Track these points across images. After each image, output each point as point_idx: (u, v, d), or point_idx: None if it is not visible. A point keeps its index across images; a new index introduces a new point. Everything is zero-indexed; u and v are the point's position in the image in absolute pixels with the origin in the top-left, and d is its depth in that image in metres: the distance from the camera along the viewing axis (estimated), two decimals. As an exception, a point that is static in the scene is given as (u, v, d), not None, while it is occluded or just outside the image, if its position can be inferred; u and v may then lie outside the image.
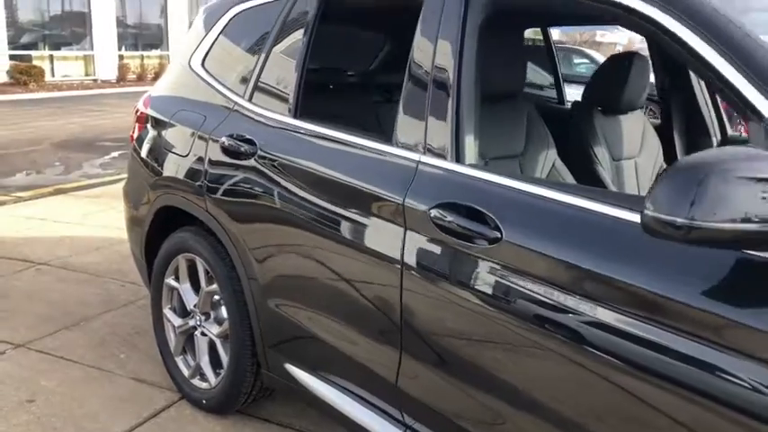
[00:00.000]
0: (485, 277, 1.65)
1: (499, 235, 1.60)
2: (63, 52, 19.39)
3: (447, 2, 1.89)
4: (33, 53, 18.32)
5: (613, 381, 1.41)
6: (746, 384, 1.22)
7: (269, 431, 2.63)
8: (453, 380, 1.77)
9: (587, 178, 2.51)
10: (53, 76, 18.56)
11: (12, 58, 17.31)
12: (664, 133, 2.86)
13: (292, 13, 2.43)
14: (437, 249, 1.75)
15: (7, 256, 4.51)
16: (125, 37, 20.57)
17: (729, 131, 2.94)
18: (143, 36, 22.10)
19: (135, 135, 3.05)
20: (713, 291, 1.28)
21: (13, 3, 18.08)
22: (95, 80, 19.48)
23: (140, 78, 19.66)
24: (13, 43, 17.76)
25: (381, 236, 1.89)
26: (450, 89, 1.83)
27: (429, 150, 1.85)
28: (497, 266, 1.62)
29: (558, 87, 3.49)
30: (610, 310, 1.41)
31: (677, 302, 1.31)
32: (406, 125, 1.92)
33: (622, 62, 2.60)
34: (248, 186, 2.32)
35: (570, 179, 2.34)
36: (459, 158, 1.79)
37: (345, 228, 2.00)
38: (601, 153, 2.58)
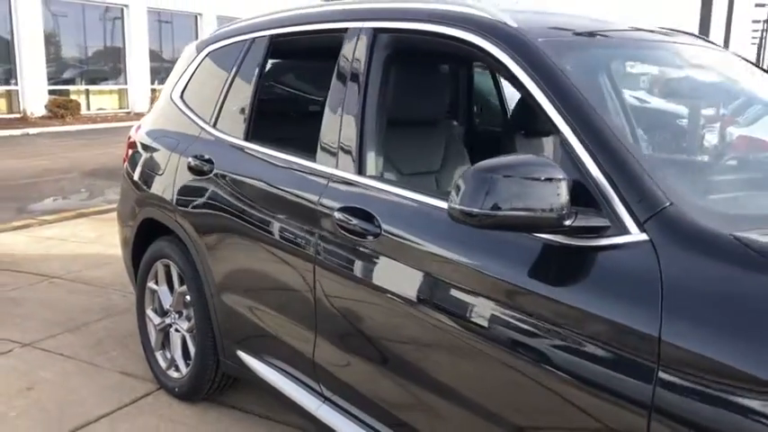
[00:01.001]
0: (372, 265, 2.01)
1: (380, 230, 1.97)
2: (98, 86, 20.35)
3: (356, 50, 2.28)
4: (71, 88, 19.28)
5: (460, 338, 1.76)
6: (528, 331, 1.57)
7: (232, 416, 2.99)
8: (355, 354, 2.12)
9: None
10: (89, 109, 19.49)
11: (51, 92, 18.25)
12: None
13: (248, 53, 2.86)
14: (339, 245, 2.12)
15: (26, 271, 4.99)
16: (158, 71, 21.47)
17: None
18: (175, 70, 22.96)
19: (127, 158, 3.50)
20: (513, 265, 1.64)
21: (55, 40, 19.10)
22: (128, 113, 20.36)
23: (171, 111, 20.41)
24: (53, 79, 18.73)
25: (301, 237, 2.27)
26: (356, 118, 2.21)
27: (339, 165, 2.23)
28: (380, 256, 1.98)
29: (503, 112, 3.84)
30: (449, 282, 1.78)
31: (488, 275, 1.67)
32: (324, 145, 2.31)
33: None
34: (206, 199, 2.73)
35: None
36: (361, 171, 2.17)
37: (276, 231, 2.39)
38: None
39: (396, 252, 1.94)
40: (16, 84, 17.64)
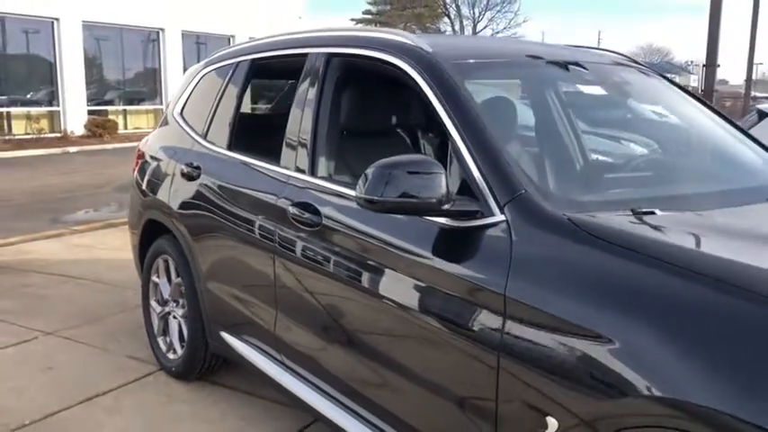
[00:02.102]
0: (316, 250, 2.42)
1: (321, 220, 2.38)
2: (135, 107, 21.26)
3: (314, 71, 2.70)
4: (109, 108, 20.21)
5: (380, 304, 2.15)
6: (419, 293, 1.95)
7: (220, 392, 3.41)
8: (306, 326, 2.53)
9: None
10: (126, 128, 20.37)
11: (90, 113, 19.17)
12: None
13: (234, 74, 3.31)
14: (293, 234, 2.54)
15: (55, 273, 5.51)
16: (192, 92, 22.33)
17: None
18: (209, 90, 23.87)
19: (136, 168, 3.97)
20: (413, 242, 2.04)
21: (94, 63, 20.06)
22: (164, 132, 21.17)
23: (205, 129, 21.25)
24: (93, 100, 19.67)
25: (265, 229, 2.69)
26: (311, 127, 2.63)
27: (297, 168, 2.64)
28: (322, 242, 2.39)
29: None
30: (369, 260, 2.18)
31: (395, 252, 2.07)
32: (286, 152, 2.73)
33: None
34: (194, 200, 3.18)
35: None
36: (313, 173, 2.58)
37: (247, 226, 2.81)
38: None
39: (332, 238, 2.34)
40: (58, 105, 18.58)
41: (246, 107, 3.30)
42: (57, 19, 18.14)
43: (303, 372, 2.59)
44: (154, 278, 3.68)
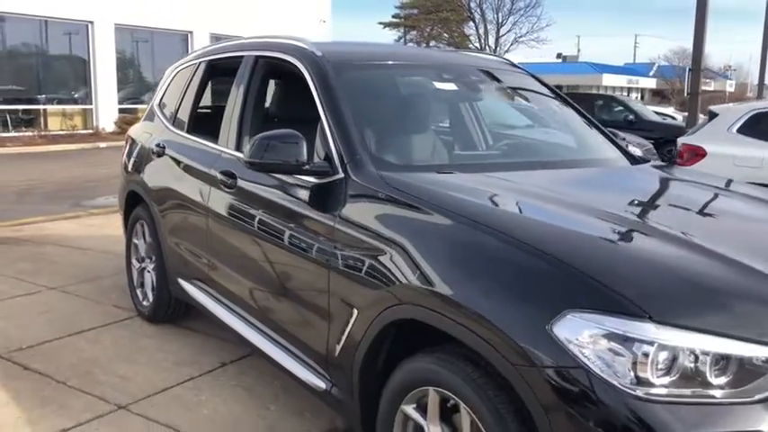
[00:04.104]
0: (236, 206, 3.15)
1: (236, 183, 3.12)
2: (164, 106, 22.35)
3: (245, 70, 3.43)
4: (138, 106, 21.28)
5: (269, 245, 2.88)
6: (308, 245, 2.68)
7: (182, 332, 4.16)
8: (227, 265, 3.27)
9: None
10: (154, 126, 21.44)
11: (120, 111, 20.30)
12: None
13: (195, 72, 4.08)
14: (219, 195, 3.28)
15: (67, 245, 6.37)
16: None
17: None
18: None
19: (125, 150, 4.77)
20: (288, 196, 2.76)
21: (126, 63, 21.21)
22: (190, 130, 22.23)
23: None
24: (124, 98, 20.82)
25: (202, 192, 3.43)
26: (240, 113, 3.36)
27: (227, 145, 3.38)
28: (240, 198, 3.12)
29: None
30: (264, 211, 2.90)
31: (278, 203, 2.79)
32: (222, 133, 3.47)
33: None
34: (158, 173, 3.96)
35: None
36: (238, 148, 3.32)
37: (191, 191, 3.56)
38: None
39: (243, 196, 3.08)
40: (91, 103, 19.74)
41: (205, 99, 4.07)
42: (91, 22, 19.28)
43: (227, 302, 3.33)
44: (134, 240, 4.47)
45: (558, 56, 57.61)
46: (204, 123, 3.86)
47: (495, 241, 1.99)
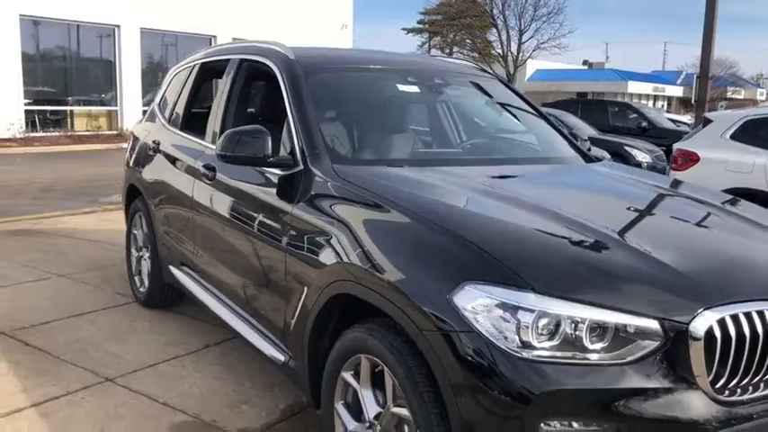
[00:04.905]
0: (215, 196, 3.43)
1: (215, 175, 3.40)
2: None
3: (231, 72, 3.72)
4: (162, 109, 21.90)
5: (241, 232, 3.15)
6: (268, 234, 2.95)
7: (174, 316, 4.45)
8: (208, 252, 3.55)
9: None
10: (177, 128, 21.97)
11: (144, 113, 20.81)
12: None
13: (191, 74, 4.38)
14: (201, 186, 3.56)
15: (79, 237, 6.73)
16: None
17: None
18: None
19: (128, 148, 5.09)
20: (257, 186, 3.02)
21: (150, 66, 21.76)
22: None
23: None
24: (150, 101, 21.35)
25: (187, 184, 3.72)
26: (222, 113, 3.65)
27: (212, 141, 3.67)
28: (215, 191, 3.40)
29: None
30: (237, 201, 3.18)
31: (248, 193, 3.06)
32: (208, 130, 3.76)
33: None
34: (153, 167, 4.25)
35: None
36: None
37: (179, 183, 3.85)
38: None
39: (220, 187, 3.36)
40: (116, 105, 20.31)
41: (195, 99, 4.37)
42: (118, 26, 19.86)
43: (208, 285, 3.61)
44: (133, 231, 4.78)
45: (585, 62, 57.53)
46: (195, 121, 4.16)
47: (413, 223, 2.25)
